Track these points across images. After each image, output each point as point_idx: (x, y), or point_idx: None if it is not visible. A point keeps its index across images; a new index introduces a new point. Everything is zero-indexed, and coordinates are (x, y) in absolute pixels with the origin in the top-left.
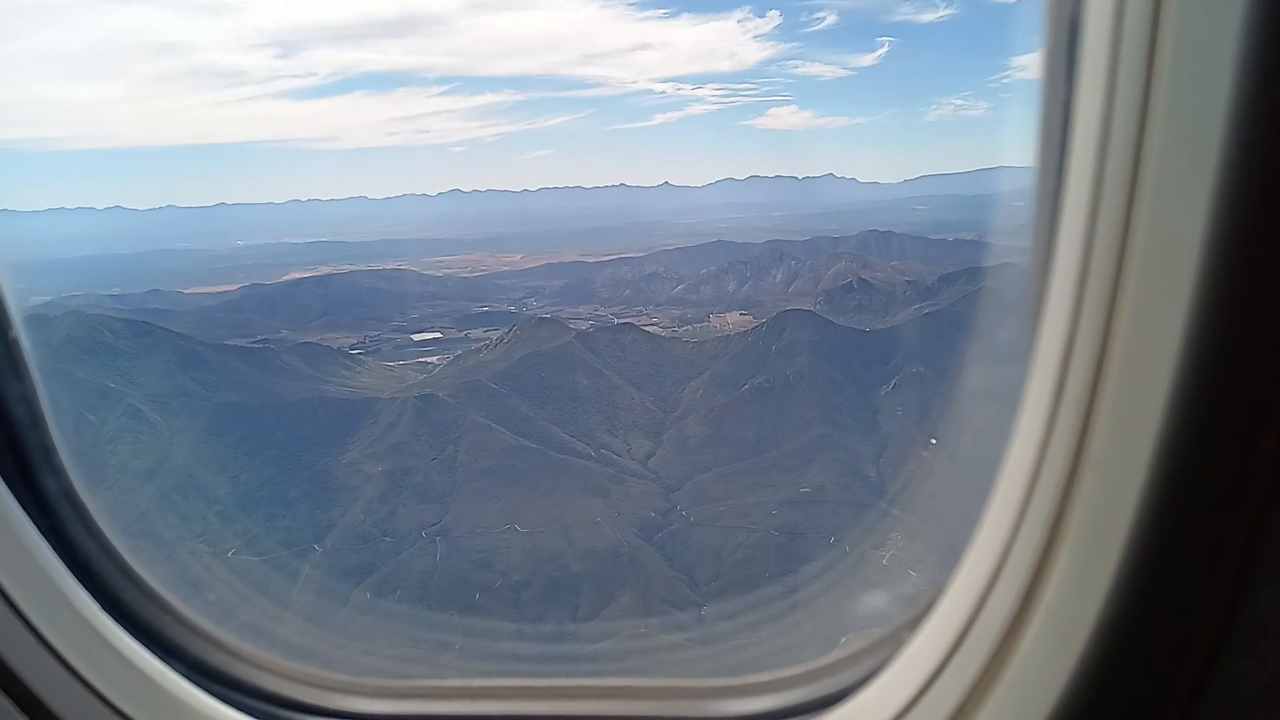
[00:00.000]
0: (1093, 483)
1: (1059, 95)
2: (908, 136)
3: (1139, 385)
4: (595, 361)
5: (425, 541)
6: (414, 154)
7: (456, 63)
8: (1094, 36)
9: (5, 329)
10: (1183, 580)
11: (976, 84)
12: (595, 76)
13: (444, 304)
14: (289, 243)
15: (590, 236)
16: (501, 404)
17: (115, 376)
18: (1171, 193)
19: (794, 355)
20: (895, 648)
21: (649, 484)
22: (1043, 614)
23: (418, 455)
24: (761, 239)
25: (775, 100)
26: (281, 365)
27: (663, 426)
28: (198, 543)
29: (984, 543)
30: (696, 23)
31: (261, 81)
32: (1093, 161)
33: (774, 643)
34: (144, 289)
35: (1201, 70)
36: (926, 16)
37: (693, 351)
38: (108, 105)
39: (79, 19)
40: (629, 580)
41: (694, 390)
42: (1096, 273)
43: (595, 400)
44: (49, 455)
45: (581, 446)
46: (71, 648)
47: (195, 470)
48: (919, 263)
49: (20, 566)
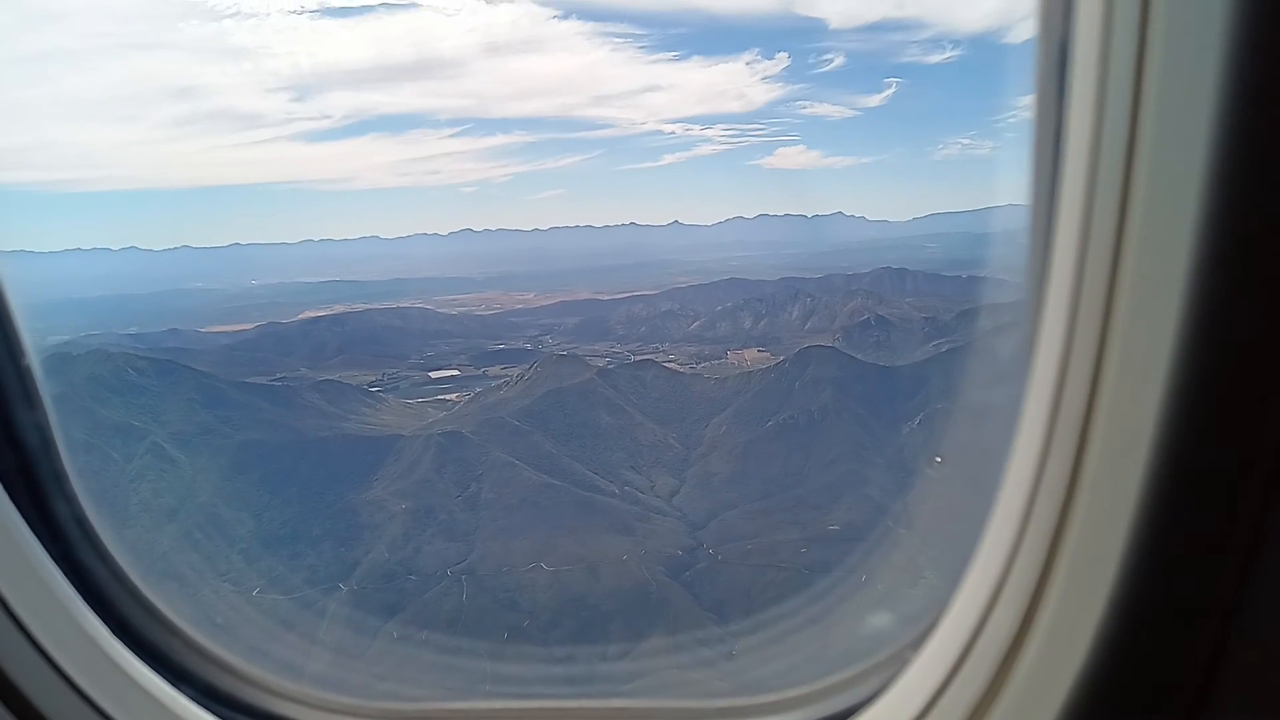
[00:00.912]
0: (1089, 503)
1: (1051, 115)
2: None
3: (1133, 406)
4: (617, 398)
5: (451, 580)
6: (425, 194)
7: (470, 105)
8: (1083, 56)
9: (18, 358)
10: (1181, 597)
11: (982, 123)
12: (605, 118)
13: (460, 341)
14: (303, 282)
15: (602, 274)
16: (525, 441)
17: (138, 414)
18: (1161, 211)
19: (818, 391)
20: (899, 667)
21: (674, 521)
22: (1043, 631)
23: (442, 493)
24: (774, 276)
25: (783, 140)
26: (302, 403)
27: (686, 463)
28: (222, 581)
29: (985, 562)
30: (706, 65)
31: (277, 124)
32: (1083, 182)
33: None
34: (161, 328)
35: (1187, 88)
36: (933, 57)
37: (715, 388)
38: (126, 148)
39: (101, 64)
40: (658, 619)
41: (717, 427)
42: (1089, 293)
43: (618, 437)
44: (60, 482)
45: (605, 484)
46: (82, 672)
47: (219, 508)
48: (935, 299)
49: (32, 591)
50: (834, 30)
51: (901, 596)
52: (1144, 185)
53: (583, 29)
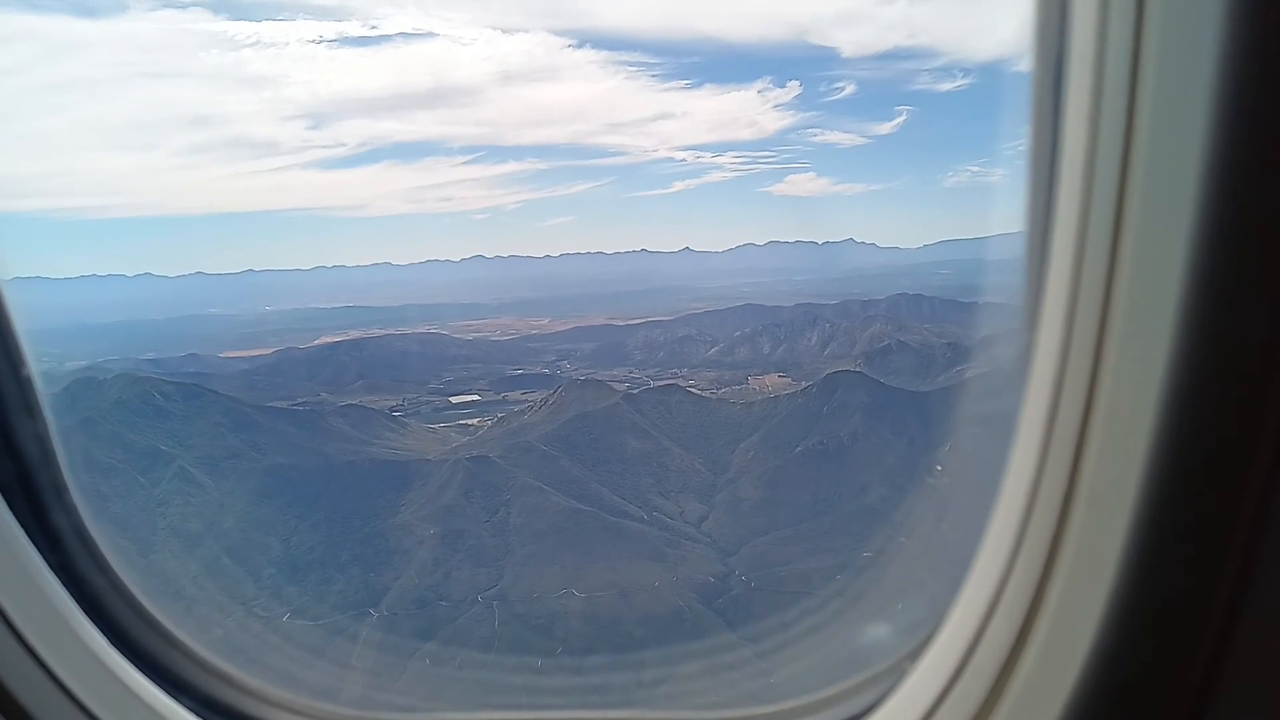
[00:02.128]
0: (1086, 512)
1: (1047, 125)
2: (925, 202)
3: (1127, 418)
4: (643, 423)
5: (482, 606)
6: (437, 221)
7: (484, 132)
8: (1078, 68)
9: (18, 368)
10: (1179, 605)
11: (992, 150)
12: (617, 145)
13: (478, 367)
14: (317, 308)
15: (615, 300)
16: (552, 466)
17: (166, 438)
18: (1156, 215)
19: (847, 416)
20: (897, 678)
21: (705, 548)
22: (1041, 641)
23: (470, 517)
24: (790, 302)
25: (793, 167)
26: (327, 427)
27: (714, 489)
28: (252, 606)
29: (983, 572)
30: (718, 93)
31: (292, 152)
32: (1079, 187)
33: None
34: (178, 353)
35: (1181, 96)
36: (944, 86)
37: (740, 412)
38: (143, 175)
39: (121, 92)
40: (693, 647)
41: (745, 452)
42: (1085, 300)
43: (645, 462)
44: (60, 492)
45: (634, 509)
46: (80, 682)
47: (246, 533)
48: (954, 325)
49: (30, 601)
50: (846, 59)
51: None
52: (1139, 190)
53: (597, 58)
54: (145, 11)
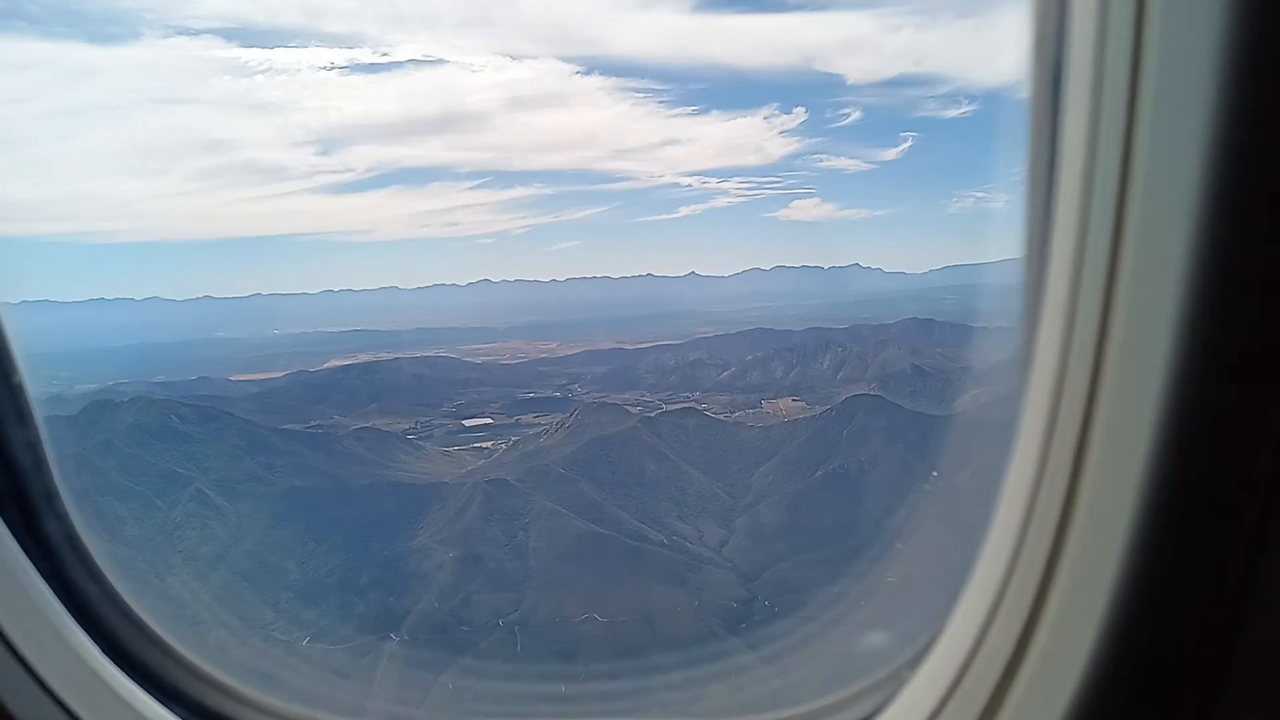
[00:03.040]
0: (1085, 520)
1: (1045, 133)
2: (930, 228)
3: (1127, 424)
4: (661, 446)
5: (504, 631)
6: (444, 246)
7: (492, 157)
8: (1077, 74)
9: (9, 374)
10: (1178, 615)
11: (997, 176)
12: (624, 171)
13: (489, 390)
14: (325, 331)
15: (623, 324)
16: (571, 489)
17: (183, 461)
18: (1156, 215)
19: (867, 440)
20: (897, 686)
21: (726, 572)
22: (1042, 647)
23: (490, 541)
24: (800, 327)
25: (799, 193)
26: (342, 450)
27: (733, 513)
28: (270, 630)
29: (981, 580)
30: (724, 119)
31: (302, 177)
32: (1078, 190)
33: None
34: (188, 377)
35: (1181, 98)
36: (950, 112)
37: (759, 436)
38: (154, 200)
39: (134, 118)
40: (718, 672)
41: (764, 476)
42: (1085, 303)
43: (663, 485)
44: (52, 500)
45: (653, 533)
46: (71, 690)
47: (264, 556)
48: (966, 349)
49: (21, 610)
50: (852, 85)
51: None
52: (1139, 195)
53: (604, 84)
54: (159, 38)
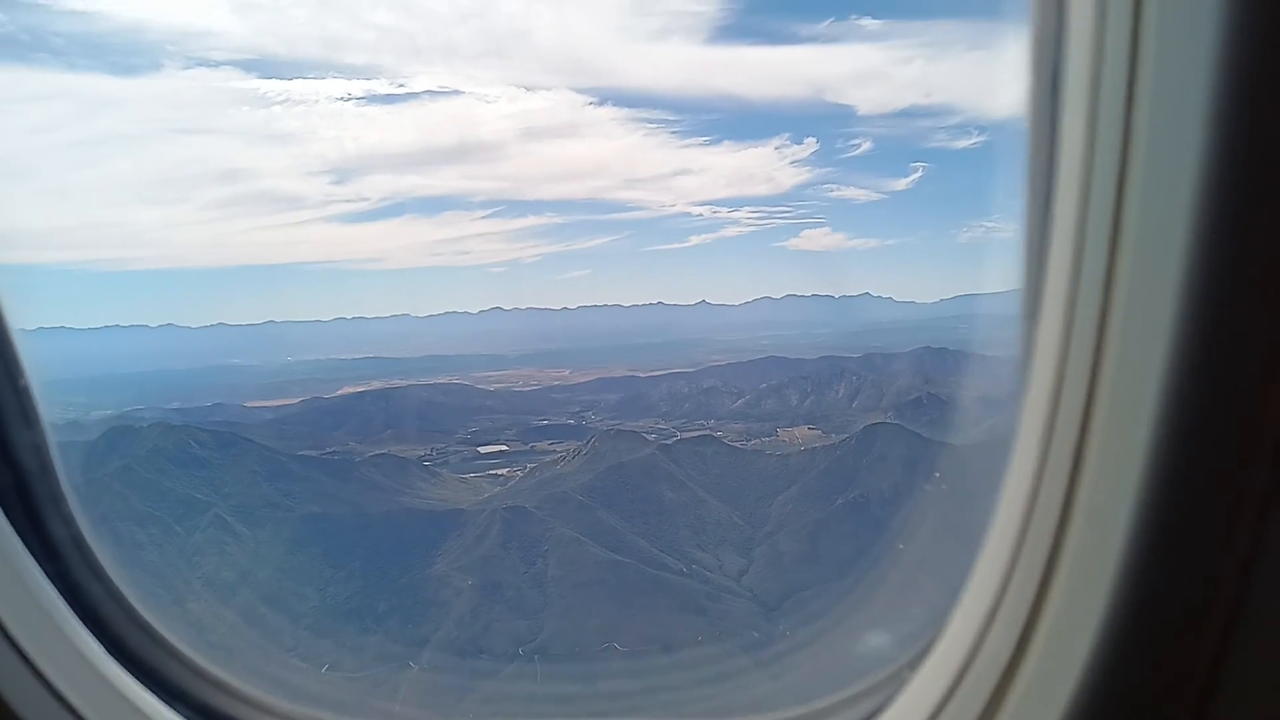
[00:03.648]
0: (1084, 522)
1: (1044, 134)
2: (940, 257)
3: (1126, 425)
4: (679, 474)
5: (523, 660)
6: (455, 274)
7: (505, 187)
8: (1075, 76)
9: (16, 378)
10: (1177, 614)
11: (1007, 206)
12: (635, 200)
13: (503, 417)
14: (337, 359)
15: (634, 352)
16: (589, 517)
17: (202, 486)
18: (1152, 231)
19: (887, 469)
20: (897, 687)
21: (746, 602)
22: (1041, 648)
23: (508, 568)
24: (813, 355)
25: (808, 222)
26: (359, 477)
27: (753, 542)
28: (290, 657)
29: (981, 581)
30: (736, 149)
31: (316, 206)
32: (1077, 192)
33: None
34: (203, 403)
35: (1179, 98)
36: (960, 143)
37: (778, 464)
38: (169, 228)
39: (152, 148)
40: (741, 704)
41: (783, 505)
42: (1083, 303)
43: (682, 514)
44: (57, 502)
45: (673, 562)
46: (77, 691)
47: (283, 582)
48: (982, 378)
49: (28, 611)
50: (863, 116)
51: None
52: (1137, 196)
53: (617, 115)
54: (179, 70)
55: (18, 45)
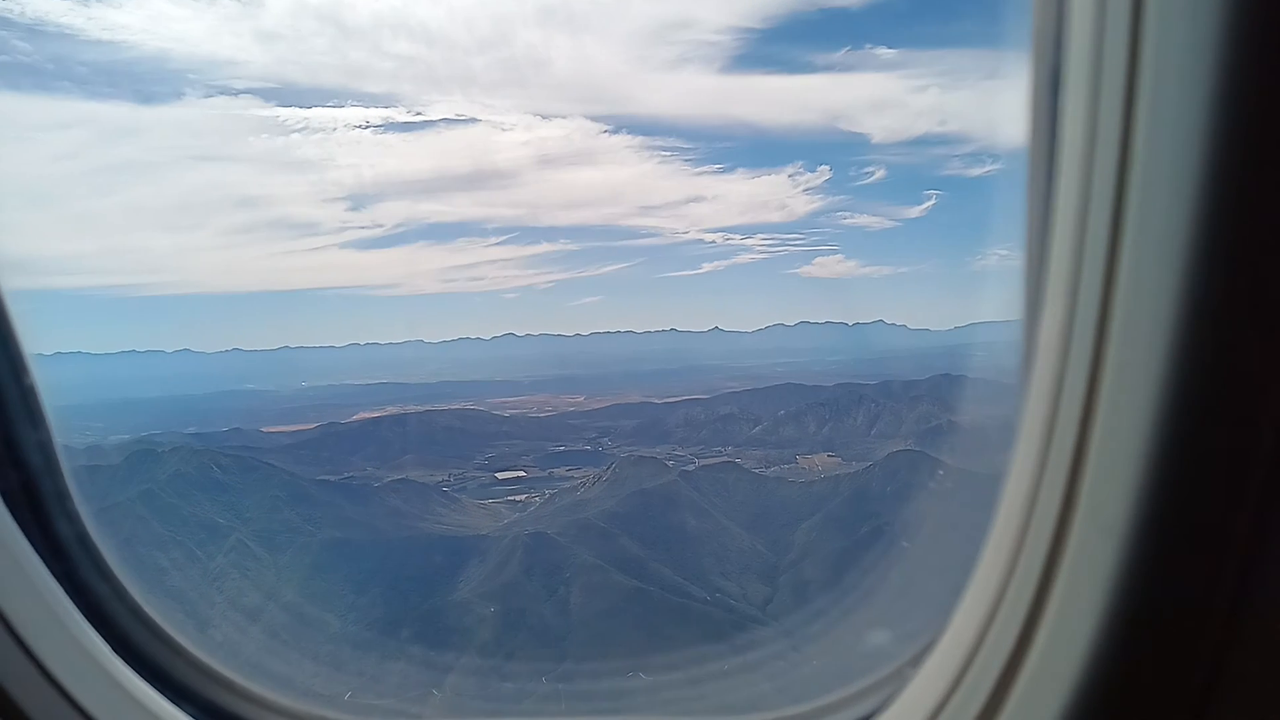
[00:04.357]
0: (1085, 520)
1: (1044, 135)
2: (952, 285)
3: (1126, 423)
4: (702, 501)
5: (547, 688)
6: (468, 300)
7: (519, 214)
8: (1075, 77)
9: (21, 377)
10: (1177, 612)
11: (1020, 234)
12: (649, 227)
13: (520, 443)
14: (351, 384)
15: (648, 378)
16: (611, 544)
17: (224, 511)
18: (1152, 231)
19: (912, 497)
20: (899, 685)
21: (771, 631)
22: (1041, 648)
23: (531, 596)
24: (829, 382)
25: (821, 250)
26: (379, 502)
27: (778, 570)
28: (311, 683)
29: (983, 578)
30: (750, 177)
31: (331, 232)
32: (1077, 193)
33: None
34: (220, 428)
35: (1177, 106)
36: (973, 171)
37: (800, 492)
38: (186, 254)
39: (171, 175)
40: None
41: (806, 532)
42: (1084, 302)
43: (706, 541)
44: (63, 500)
45: (696, 590)
46: (83, 689)
47: (304, 608)
48: (1003, 406)
49: (34, 609)
50: (877, 144)
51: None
52: (1137, 197)
53: (632, 143)
54: (200, 98)
55: (42, 74)
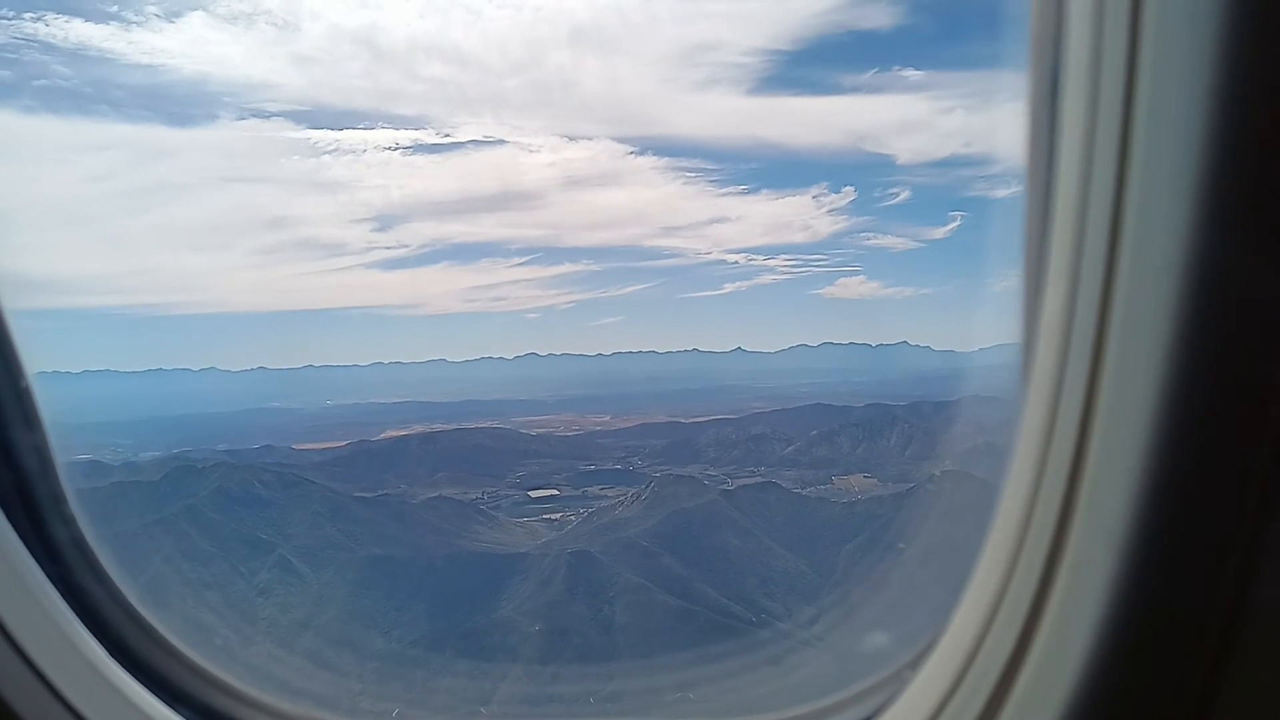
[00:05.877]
0: (1084, 521)
1: (1043, 136)
2: (975, 306)
3: (1126, 425)
4: (743, 521)
5: (595, 709)
6: (491, 320)
7: (544, 235)
8: (1074, 77)
9: (16, 378)
10: (1178, 614)
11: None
12: (672, 247)
13: (550, 462)
14: (376, 403)
15: (673, 398)
16: (655, 563)
17: (265, 527)
18: (1151, 232)
19: (962, 518)
20: (898, 686)
21: (819, 652)
22: (1041, 649)
23: (575, 614)
24: (859, 403)
25: (844, 271)
26: (417, 519)
27: (822, 590)
28: (356, 702)
29: (982, 579)
30: (774, 198)
31: (358, 253)
32: (1075, 205)
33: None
34: (251, 445)
35: (1176, 106)
36: (1000, 192)
37: (844, 512)
38: (215, 274)
39: (202, 196)
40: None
41: (851, 554)
42: (1083, 303)
43: (748, 561)
44: (58, 503)
45: (741, 610)
46: (79, 693)
47: (347, 626)
48: None
49: (29, 612)
50: (902, 165)
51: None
52: (1136, 197)
53: (657, 164)
54: (232, 120)
55: (80, 98)
